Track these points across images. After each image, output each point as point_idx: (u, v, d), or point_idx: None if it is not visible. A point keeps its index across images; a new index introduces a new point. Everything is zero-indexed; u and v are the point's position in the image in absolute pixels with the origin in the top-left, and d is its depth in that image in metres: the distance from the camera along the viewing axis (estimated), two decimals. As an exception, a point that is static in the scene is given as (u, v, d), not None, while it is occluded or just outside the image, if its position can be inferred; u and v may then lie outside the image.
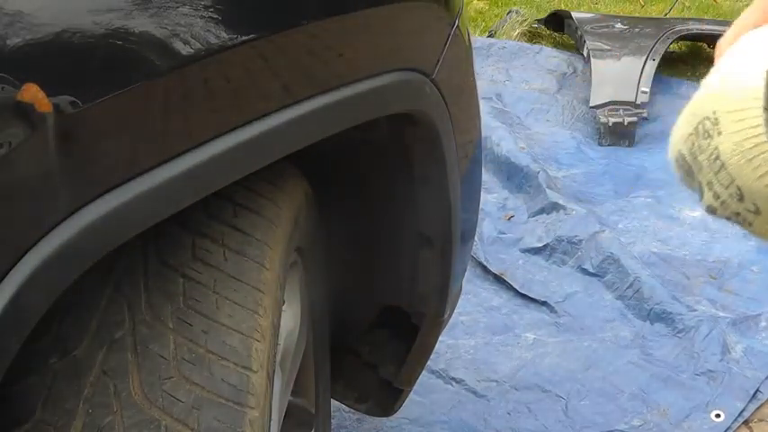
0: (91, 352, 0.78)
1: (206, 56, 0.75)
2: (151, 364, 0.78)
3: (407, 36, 1.10)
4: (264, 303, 0.88)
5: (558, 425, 2.01)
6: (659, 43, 3.79)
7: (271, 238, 0.95)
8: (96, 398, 0.75)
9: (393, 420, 2.02)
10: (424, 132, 1.20)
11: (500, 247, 2.68)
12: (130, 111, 0.70)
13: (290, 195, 1.06)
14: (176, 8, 0.73)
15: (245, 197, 0.96)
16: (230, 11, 0.79)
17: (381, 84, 1.03)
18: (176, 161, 0.75)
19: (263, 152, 0.86)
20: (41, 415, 0.74)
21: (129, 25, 0.69)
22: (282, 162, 0.92)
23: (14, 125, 0.61)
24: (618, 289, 2.44)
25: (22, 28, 0.62)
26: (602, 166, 3.10)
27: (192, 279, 0.85)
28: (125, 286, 0.83)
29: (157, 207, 0.75)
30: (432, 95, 1.16)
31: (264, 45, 0.83)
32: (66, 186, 0.66)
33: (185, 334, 0.80)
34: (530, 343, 2.30)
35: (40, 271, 0.64)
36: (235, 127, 0.80)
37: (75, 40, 0.65)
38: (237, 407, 0.79)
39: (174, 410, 0.76)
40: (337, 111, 0.95)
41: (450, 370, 2.21)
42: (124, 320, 0.80)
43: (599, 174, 3.06)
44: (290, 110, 0.87)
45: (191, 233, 0.89)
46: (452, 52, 1.22)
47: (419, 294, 1.49)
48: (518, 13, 4.76)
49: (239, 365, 0.81)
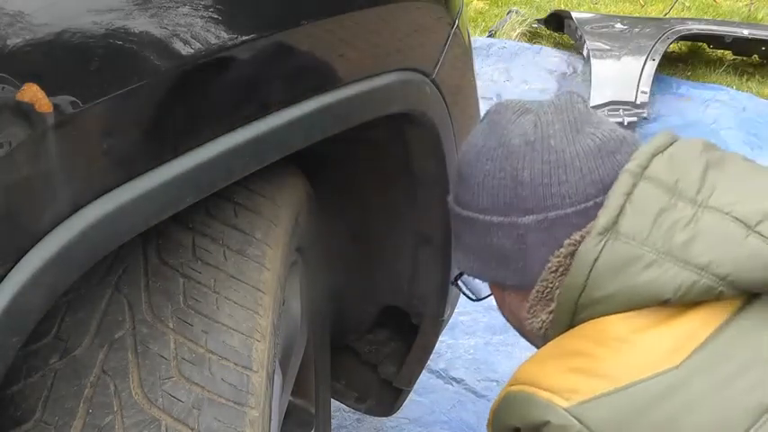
0: (91, 352, 0.78)
1: (206, 56, 0.75)
2: (151, 364, 0.78)
3: (407, 36, 1.10)
4: (264, 303, 0.88)
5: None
6: (659, 43, 3.79)
7: (271, 238, 0.95)
8: (96, 398, 0.75)
9: (393, 420, 2.02)
10: (423, 132, 1.20)
11: (500, 247, 2.67)
12: (130, 111, 0.70)
13: (291, 195, 1.06)
14: (176, 8, 0.73)
15: (245, 197, 0.96)
16: (231, 11, 0.79)
17: (381, 84, 1.03)
18: (176, 161, 0.75)
19: (263, 152, 0.86)
20: (41, 415, 0.74)
21: (129, 25, 0.69)
22: (282, 162, 0.92)
23: (14, 125, 0.61)
24: (618, 289, 2.43)
25: (22, 28, 0.62)
26: (602, 166, 3.09)
27: (192, 279, 0.85)
28: (125, 286, 0.83)
29: (157, 207, 0.75)
30: (432, 95, 1.16)
31: (264, 45, 0.83)
32: (67, 186, 0.66)
33: (185, 334, 0.80)
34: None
35: (40, 271, 0.64)
36: (235, 127, 0.80)
37: (75, 40, 0.65)
38: (237, 407, 0.79)
39: (174, 410, 0.76)
40: (337, 111, 0.95)
41: (451, 370, 2.22)
42: (124, 320, 0.80)
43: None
44: (290, 110, 0.87)
45: (191, 233, 0.89)
46: (452, 52, 1.22)
47: (419, 294, 1.49)
48: (518, 13, 4.76)
49: (239, 365, 0.81)
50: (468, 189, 1.09)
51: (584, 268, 0.98)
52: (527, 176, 1.03)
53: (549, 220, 1.03)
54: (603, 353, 0.95)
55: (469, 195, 1.09)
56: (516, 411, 1.01)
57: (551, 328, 1.06)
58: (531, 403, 0.98)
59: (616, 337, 0.95)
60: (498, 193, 1.06)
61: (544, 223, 1.03)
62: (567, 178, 1.02)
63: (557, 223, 1.03)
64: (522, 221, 1.04)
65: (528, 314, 1.09)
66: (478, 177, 1.08)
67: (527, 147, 1.04)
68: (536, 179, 1.03)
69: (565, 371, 0.97)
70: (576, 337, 1.01)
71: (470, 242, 1.11)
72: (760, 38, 4.19)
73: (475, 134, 1.12)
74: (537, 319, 1.08)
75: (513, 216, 1.05)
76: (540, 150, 1.03)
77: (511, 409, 1.02)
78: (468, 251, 1.13)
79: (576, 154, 1.03)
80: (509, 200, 1.05)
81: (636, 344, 0.94)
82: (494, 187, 1.06)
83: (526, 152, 1.04)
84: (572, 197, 1.02)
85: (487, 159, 1.07)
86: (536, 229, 1.04)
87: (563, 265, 1.03)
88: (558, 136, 1.04)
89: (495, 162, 1.06)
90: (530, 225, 1.04)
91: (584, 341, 0.98)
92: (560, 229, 1.03)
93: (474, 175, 1.08)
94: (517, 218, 1.04)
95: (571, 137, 1.04)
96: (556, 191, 1.02)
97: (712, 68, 4.34)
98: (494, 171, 1.06)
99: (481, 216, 1.08)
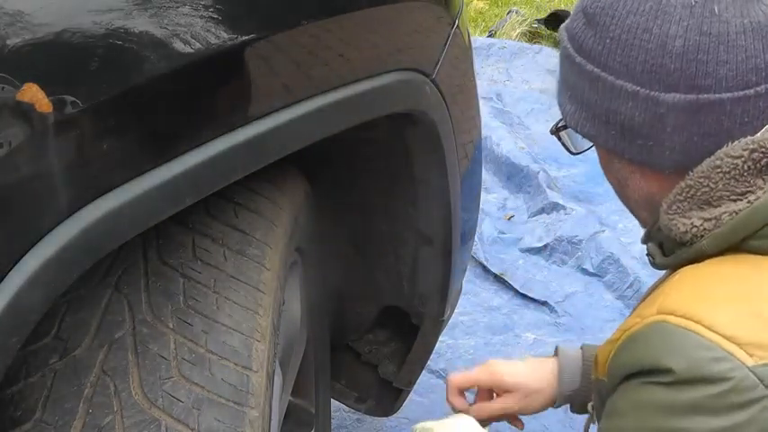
0: (91, 352, 0.78)
1: (206, 56, 0.75)
2: (151, 364, 0.78)
3: (407, 36, 1.10)
4: (264, 303, 0.88)
5: (558, 425, 2.01)
6: (659, 43, 3.79)
7: (271, 238, 0.95)
8: (96, 398, 0.75)
9: (393, 420, 2.02)
10: (424, 132, 1.20)
11: (500, 247, 2.68)
12: (130, 111, 0.70)
13: (291, 195, 1.06)
14: (176, 8, 0.73)
15: (245, 197, 0.96)
16: (231, 11, 0.79)
17: (381, 84, 1.03)
18: (177, 161, 0.75)
19: (263, 152, 0.86)
20: (41, 415, 0.74)
21: (129, 25, 0.69)
22: (283, 162, 0.92)
23: (14, 125, 0.61)
24: (618, 289, 2.44)
25: (22, 28, 0.62)
26: (602, 167, 3.10)
27: (192, 279, 0.85)
28: (125, 286, 0.83)
29: (157, 207, 0.75)
30: (432, 95, 1.16)
31: (265, 45, 0.83)
32: (67, 186, 0.66)
33: (185, 334, 0.80)
34: (530, 343, 2.30)
35: (40, 271, 0.64)
36: (235, 127, 0.80)
37: (75, 40, 0.65)
38: (237, 407, 0.79)
39: (174, 410, 0.76)
40: (337, 111, 0.95)
41: (451, 370, 2.21)
42: (124, 320, 0.80)
43: (599, 174, 3.04)
44: (290, 110, 0.87)
45: (191, 233, 0.89)
46: (452, 52, 1.22)
47: (419, 294, 1.49)
48: (518, 12, 4.77)
49: (239, 365, 0.81)
50: (598, 39, 0.92)
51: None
52: (679, 47, 0.86)
53: (698, 103, 0.87)
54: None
55: (598, 47, 0.92)
56: (672, 348, 0.83)
57: (709, 239, 0.89)
58: (701, 347, 0.81)
59: None
60: (639, 57, 0.89)
61: (693, 106, 0.88)
62: (727, 58, 0.86)
63: (706, 108, 0.87)
64: (664, 99, 0.88)
65: (669, 211, 0.92)
66: (614, 30, 0.90)
67: (684, 9, 0.87)
68: (690, 52, 0.86)
69: (749, 316, 0.83)
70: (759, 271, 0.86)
71: (587, 98, 0.94)
72: (760, 38, 4.19)
73: None
74: (685, 221, 0.91)
75: (654, 89, 0.88)
76: (701, 17, 0.86)
77: (663, 344, 0.84)
78: (580, 105, 0.96)
79: (742, 29, 0.86)
80: (652, 69, 0.88)
81: None
82: (634, 49, 0.89)
83: (683, 16, 0.87)
84: (729, 81, 0.86)
85: (629, 12, 0.89)
86: (680, 110, 0.88)
87: (739, 168, 0.87)
88: (725, 2, 0.87)
89: (639, 17, 0.88)
90: (674, 104, 0.88)
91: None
92: (710, 115, 0.88)
93: (608, 26, 0.91)
94: (658, 93, 0.88)
95: (739, 4, 0.87)
96: (712, 70, 0.86)
97: (712, 68, 4.33)
98: (636, 29, 0.88)
99: (610, 78, 0.91)
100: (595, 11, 0.92)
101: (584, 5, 0.95)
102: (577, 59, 0.94)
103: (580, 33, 0.94)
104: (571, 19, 0.98)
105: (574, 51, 0.95)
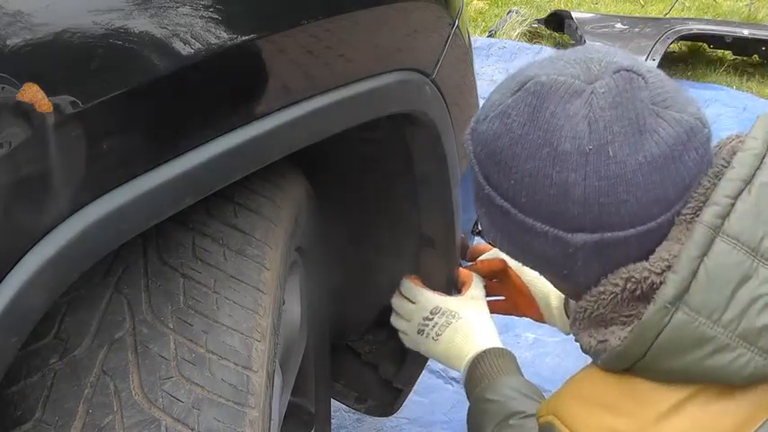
0: (91, 352, 0.78)
1: (206, 56, 0.75)
2: (151, 364, 0.78)
3: (407, 36, 1.10)
4: (264, 303, 0.88)
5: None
6: (659, 43, 3.80)
7: (271, 238, 0.94)
8: (96, 398, 0.75)
9: (393, 420, 2.02)
10: (424, 132, 1.20)
11: (500, 247, 2.67)
12: (130, 111, 0.70)
13: (291, 195, 1.06)
14: (176, 8, 0.73)
15: (245, 197, 0.96)
16: (231, 11, 0.79)
17: (381, 84, 1.03)
18: (177, 161, 0.75)
19: (263, 152, 0.86)
20: (41, 415, 0.74)
21: (129, 25, 0.69)
22: (283, 162, 0.92)
23: (14, 125, 0.61)
24: (618, 289, 2.43)
25: (22, 28, 0.62)
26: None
27: (192, 279, 0.85)
28: (125, 286, 0.83)
29: (158, 207, 0.75)
30: (432, 95, 1.16)
31: (265, 45, 0.83)
32: (67, 186, 0.66)
33: (185, 334, 0.80)
34: (530, 343, 2.30)
35: (40, 271, 0.64)
36: (236, 127, 0.80)
37: (75, 40, 0.65)
38: (237, 407, 0.79)
39: (174, 410, 0.76)
40: (338, 111, 0.95)
41: (451, 370, 2.21)
42: (124, 320, 0.80)
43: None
44: (290, 110, 0.87)
45: (191, 233, 0.89)
46: (452, 52, 1.22)
47: (419, 294, 1.48)
48: (518, 13, 4.77)
49: (239, 365, 0.81)
50: (504, 177, 0.92)
51: (645, 340, 0.88)
52: (580, 194, 0.87)
53: (604, 241, 0.90)
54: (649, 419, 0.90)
55: (504, 184, 0.93)
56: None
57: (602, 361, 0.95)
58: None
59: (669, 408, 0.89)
60: (543, 200, 0.90)
61: (599, 244, 0.90)
62: (627, 197, 0.87)
63: (612, 245, 0.90)
64: (572, 239, 0.90)
65: (573, 324, 0.99)
66: (517, 174, 0.90)
67: (581, 157, 0.87)
68: (591, 197, 0.87)
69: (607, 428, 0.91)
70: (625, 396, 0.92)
71: (503, 226, 0.96)
72: (760, 38, 4.20)
73: (509, 107, 0.92)
74: (586, 337, 0.96)
75: (561, 230, 0.90)
76: (597, 163, 0.87)
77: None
78: (498, 230, 0.98)
79: (638, 166, 0.86)
80: (557, 211, 0.89)
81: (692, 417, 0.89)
82: (537, 192, 0.90)
83: (579, 164, 0.87)
84: (633, 217, 0.88)
85: (529, 157, 0.89)
86: (588, 249, 0.90)
87: (619, 296, 0.91)
88: (618, 142, 0.86)
89: (538, 162, 0.89)
90: (582, 244, 0.90)
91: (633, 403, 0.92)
92: (617, 249, 0.90)
93: (510, 167, 0.91)
94: (565, 233, 0.90)
95: (633, 141, 0.87)
96: (615, 210, 0.87)
97: (712, 68, 4.34)
98: (537, 174, 0.89)
99: (520, 214, 0.92)
100: (495, 149, 0.93)
101: (485, 139, 0.94)
102: (486, 190, 0.95)
103: (486, 165, 0.95)
104: (474, 142, 0.97)
105: (483, 180, 0.96)
